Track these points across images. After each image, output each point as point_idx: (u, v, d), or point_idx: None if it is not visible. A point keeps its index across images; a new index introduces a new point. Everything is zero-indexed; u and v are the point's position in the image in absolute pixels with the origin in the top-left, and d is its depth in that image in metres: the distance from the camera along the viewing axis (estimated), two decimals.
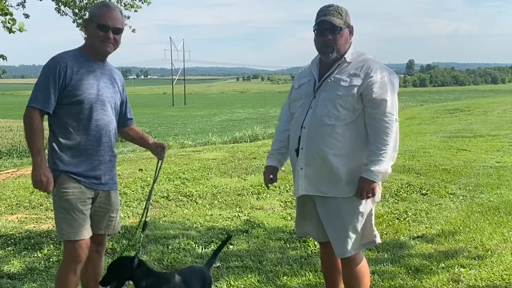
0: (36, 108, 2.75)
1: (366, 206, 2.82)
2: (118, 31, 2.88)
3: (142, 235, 3.16)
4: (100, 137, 2.88)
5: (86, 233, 2.86)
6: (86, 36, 2.96)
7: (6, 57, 6.67)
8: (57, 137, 2.81)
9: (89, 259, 2.98)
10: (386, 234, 4.91)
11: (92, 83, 2.84)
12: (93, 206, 2.93)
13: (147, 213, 3.09)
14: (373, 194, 2.76)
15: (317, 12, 2.84)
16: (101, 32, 2.83)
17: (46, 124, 2.85)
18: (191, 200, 6.55)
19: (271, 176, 3.07)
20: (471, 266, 4.00)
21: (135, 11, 8.04)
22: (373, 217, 2.91)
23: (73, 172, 2.81)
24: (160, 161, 3.18)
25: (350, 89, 2.72)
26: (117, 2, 7.63)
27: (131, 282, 2.88)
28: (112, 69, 3.02)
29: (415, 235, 4.86)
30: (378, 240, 2.96)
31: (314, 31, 2.83)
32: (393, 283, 3.72)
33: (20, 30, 6.37)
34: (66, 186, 2.80)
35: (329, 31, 2.76)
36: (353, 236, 2.82)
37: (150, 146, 3.21)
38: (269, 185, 3.13)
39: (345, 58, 2.80)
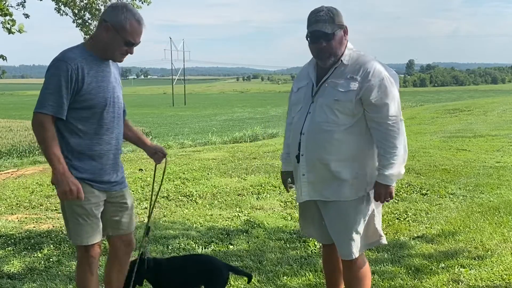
0: (48, 114, 2.60)
1: (368, 207, 2.80)
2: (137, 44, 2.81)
3: (146, 238, 3.21)
4: (110, 141, 2.82)
5: (98, 237, 2.83)
6: (96, 35, 2.78)
7: (6, 57, 6.66)
8: (68, 142, 2.70)
9: (118, 259, 3.00)
10: (386, 234, 4.86)
11: (103, 86, 2.74)
12: (110, 208, 2.88)
13: (149, 217, 3.14)
14: (391, 197, 2.75)
15: (307, 17, 2.75)
16: (125, 47, 2.73)
17: None
18: (191, 200, 6.55)
19: (290, 181, 3.08)
20: (471, 266, 4.00)
21: None
22: (376, 218, 2.87)
23: (86, 178, 2.73)
24: (157, 165, 3.14)
25: (348, 95, 2.66)
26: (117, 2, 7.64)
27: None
28: (112, 63, 2.89)
29: (415, 235, 4.86)
30: (384, 241, 2.93)
31: (306, 38, 2.75)
32: (393, 283, 3.72)
33: (20, 31, 6.37)
34: None
35: (322, 38, 2.68)
36: (356, 238, 2.80)
37: (147, 148, 3.12)
38: (290, 188, 3.13)
39: (341, 61, 2.73)
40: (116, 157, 2.89)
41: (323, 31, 2.66)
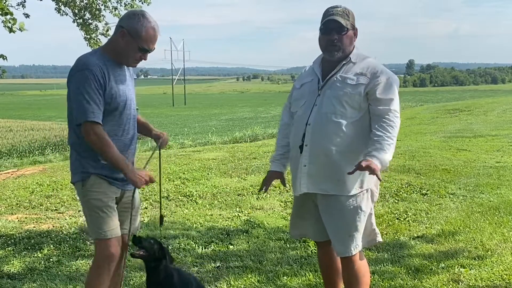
0: (95, 122, 2.66)
1: (368, 204, 2.83)
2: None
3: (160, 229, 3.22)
4: (127, 141, 2.87)
5: (119, 231, 2.85)
6: (112, 40, 2.82)
7: (6, 57, 6.66)
8: (86, 141, 2.73)
9: None
10: (386, 234, 4.91)
11: (121, 89, 2.80)
12: (118, 206, 2.90)
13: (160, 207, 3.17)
14: (372, 172, 2.58)
15: (323, 12, 2.86)
16: (140, 53, 2.80)
17: (65, 124, 2.79)
18: (191, 200, 6.55)
19: (273, 182, 3.06)
20: (471, 266, 4.01)
21: None
22: (373, 216, 2.92)
23: (104, 174, 2.78)
24: (156, 149, 3.11)
25: (357, 87, 2.75)
26: (117, 2, 7.63)
27: None
28: (127, 67, 2.96)
29: (415, 235, 4.86)
30: (379, 238, 2.97)
31: (320, 29, 2.84)
32: (393, 283, 3.72)
33: (21, 29, 6.36)
34: (97, 186, 2.77)
35: (335, 30, 2.78)
36: (354, 234, 2.82)
37: (151, 135, 3.13)
38: (264, 190, 3.06)
39: (350, 58, 2.83)
40: (132, 157, 2.93)
41: (338, 21, 2.77)
